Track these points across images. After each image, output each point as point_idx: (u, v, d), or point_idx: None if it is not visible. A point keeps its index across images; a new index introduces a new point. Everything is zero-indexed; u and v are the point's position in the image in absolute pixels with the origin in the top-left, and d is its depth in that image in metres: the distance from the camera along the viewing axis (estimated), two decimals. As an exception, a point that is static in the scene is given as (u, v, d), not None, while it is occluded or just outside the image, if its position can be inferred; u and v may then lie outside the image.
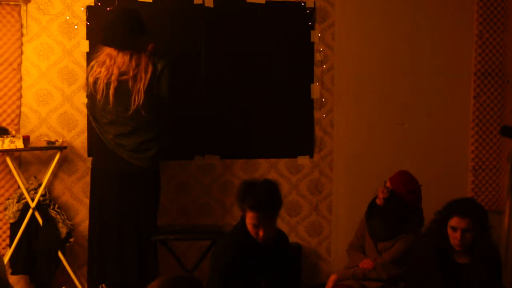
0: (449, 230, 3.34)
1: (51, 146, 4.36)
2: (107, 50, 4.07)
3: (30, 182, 4.40)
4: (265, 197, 3.25)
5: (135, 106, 3.99)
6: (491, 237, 3.38)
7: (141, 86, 3.99)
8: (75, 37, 4.51)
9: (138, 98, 3.99)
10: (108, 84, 4.01)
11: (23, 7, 4.42)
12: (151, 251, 4.18)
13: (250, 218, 3.25)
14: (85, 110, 4.46)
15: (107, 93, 4.01)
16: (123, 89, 4.01)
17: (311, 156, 4.88)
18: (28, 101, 4.47)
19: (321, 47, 4.84)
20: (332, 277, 4.02)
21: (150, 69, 4.03)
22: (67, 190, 4.55)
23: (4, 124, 4.40)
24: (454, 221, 3.31)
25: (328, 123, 4.89)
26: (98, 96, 4.04)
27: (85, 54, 4.50)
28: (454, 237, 3.31)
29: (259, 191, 3.26)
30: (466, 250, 3.34)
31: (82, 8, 4.49)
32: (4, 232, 4.44)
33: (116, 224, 4.10)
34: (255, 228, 3.26)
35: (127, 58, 4.03)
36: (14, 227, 4.31)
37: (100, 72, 4.03)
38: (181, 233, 4.35)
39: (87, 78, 4.13)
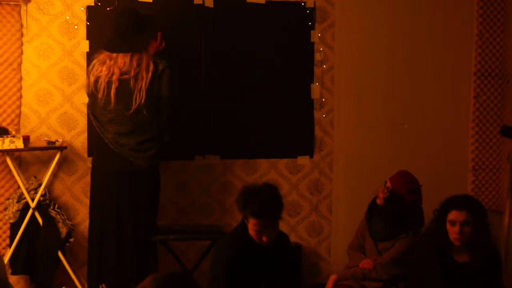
0: (448, 226, 3.33)
1: (51, 146, 4.36)
2: (107, 52, 4.08)
3: (30, 182, 4.39)
4: (268, 204, 3.23)
5: (136, 105, 3.99)
6: (490, 235, 3.37)
7: (143, 85, 4.00)
8: (75, 37, 4.51)
9: (139, 96, 3.99)
10: (109, 83, 4.01)
11: (23, 7, 4.42)
12: (151, 251, 4.18)
13: (253, 225, 3.23)
14: (85, 110, 4.47)
15: (108, 92, 4.01)
16: (124, 87, 4.01)
17: (311, 156, 4.87)
18: (28, 101, 4.47)
19: (321, 47, 4.84)
20: (332, 277, 4.02)
21: (151, 68, 4.03)
22: (67, 190, 4.55)
23: (4, 124, 4.40)
24: (452, 215, 3.31)
25: (328, 123, 4.89)
26: (99, 95, 4.04)
27: (85, 54, 4.50)
28: (453, 232, 3.30)
29: (261, 197, 3.23)
30: (466, 248, 3.33)
31: (82, 8, 4.49)
32: (4, 232, 4.44)
33: (116, 224, 4.10)
34: (258, 234, 3.24)
35: (127, 59, 4.03)
36: (14, 227, 4.31)
37: (101, 70, 4.04)
38: (181, 233, 4.35)
39: (88, 77, 4.13)
